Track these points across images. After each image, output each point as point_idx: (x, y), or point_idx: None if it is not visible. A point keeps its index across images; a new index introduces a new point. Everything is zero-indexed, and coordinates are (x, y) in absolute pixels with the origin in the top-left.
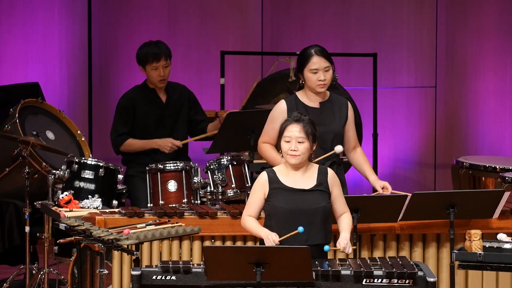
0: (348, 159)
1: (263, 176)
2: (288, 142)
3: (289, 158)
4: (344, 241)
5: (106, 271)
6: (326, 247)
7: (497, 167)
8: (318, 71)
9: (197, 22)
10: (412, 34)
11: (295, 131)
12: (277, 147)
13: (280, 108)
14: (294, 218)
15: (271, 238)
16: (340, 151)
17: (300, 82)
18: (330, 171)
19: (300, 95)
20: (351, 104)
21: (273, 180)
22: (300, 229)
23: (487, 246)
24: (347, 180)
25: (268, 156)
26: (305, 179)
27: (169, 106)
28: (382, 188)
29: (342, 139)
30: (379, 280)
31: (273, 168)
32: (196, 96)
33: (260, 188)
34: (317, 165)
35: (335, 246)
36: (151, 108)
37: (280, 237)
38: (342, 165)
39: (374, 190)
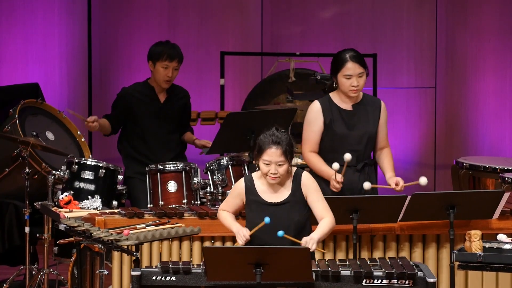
0: (375, 157)
1: (241, 184)
2: (267, 164)
3: (269, 180)
4: (306, 238)
5: (106, 272)
6: (280, 233)
7: (497, 167)
8: (351, 77)
9: (197, 22)
10: (412, 34)
11: (274, 155)
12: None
13: (315, 109)
14: (267, 232)
15: (241, 233)
16: (348, 159)
17: (334, 84)
18: (304, 176)
19: (333, 96)
20: (383, 104)
21: (250, 191)
22: (266, 219)
23: (487, 246)
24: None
25: (317, 170)
26: (281, 190)
27: (166, 108)
28: (396, 184)
29: (375, 141)
30: (379, 280)
31: (252, 174)
32: (196, 96)
33: (237, 195)
34: (294, 169)
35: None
36: (148, 104)
37: (250, 232)
38: (374, 165)
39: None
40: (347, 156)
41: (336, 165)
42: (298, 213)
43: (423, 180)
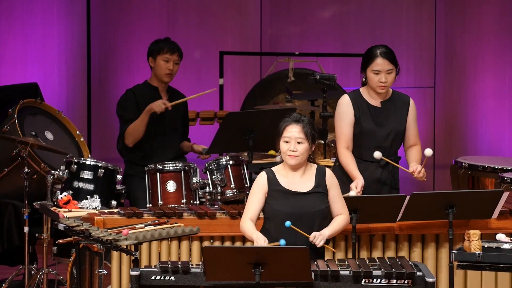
0: (406, 155)
1: (262, 177)
2: (287, 142)
3: (288, 159)
4: (316, 233)
5: (105, 272)
6: (287, 223)
7: (496, 167)
8: (380, 73)
9: (196, 22)
10: (411, 34)
11: (294, 131)
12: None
13: (345, 102)
14: (292, 221)
15: (260, 243)
16: (378, 157)
17: (363, 79)
18: (328, 172)
19: (363, 91)
20: (413, 102)
21: (272, 182)
22: (282, 242)
23: (486, 246)
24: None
25: (347, 169)
26: (304, 181)
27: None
28: (414, 171)
29: (403, 139)
30: (378, 280)
31: (272, 168)
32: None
33: (259, 189)
34: (316, 165)
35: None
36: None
37: (270, 242)
38: (398, 163)
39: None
40: (377, 154)
41: (378, 154)
42: (324, 203)
43: (428, 152)
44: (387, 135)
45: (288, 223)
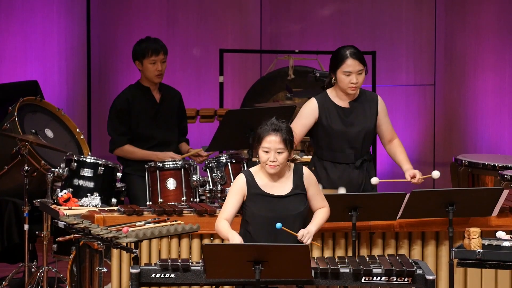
0: (387, 152)
1: (241, 179)
2: (267, 152)
3: (268, 168)
4: (304, 231)
5: (105, 269)
6: (278, 225)
7: (496, 165)
8: (351, 74)
9: (196, 20)
10: (411, 32)
11: (274, 142)
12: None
13: (312, 106)
14: (271, 224)
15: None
16: (376, 183)
17: (332, 81)
18: (305, 171)
19: (330, 93)
20: (381, 98)
21: (251, 185)
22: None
23: (486, 244)
24: (384, 170)
25: None
26: (282, 183)
27: (163, 106)
28: (412, 177)
29: (374, 137)
30: (378, 278)
31: (250, 169)
32: (195, 94)
33: (238, 190)
34: (293, 164)
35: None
36: (146, 106)
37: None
38: (372, 162)
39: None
40: (374, 180)
41: (342, 190)
42: (303, 204)
43: (435, 174)
44: (357, 134)
45: (279, 225)
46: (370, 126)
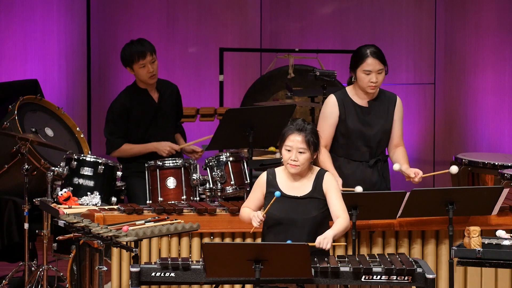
0: (389, 156)
1: (263, 177)
2: (289, 151)
3: (288, 167)
4: (320, 238)
5: (105, 268)
6: (277, 193)
7: (496, 163)
8: (371, 73)
9: (196, 19)
10: (411, 31)
11: (296, 141)
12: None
13: (331, 103)
14: (282, 225)
15: (255, 215)
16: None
17: (352, 79)
18: (326, 176)
19: (349, 91)
20: (399, 100)
21: (271, 183)
22: (277, 193)
23: (486, 242)
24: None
25: (325, 167)
26: (302, 185)
27: (161, 106)
28: (414, 174)
29: (390, 137)
30: (378, 276)
31: (275, 168)
32: (195, 93)
33: (258, 187)
34: (318, 169)
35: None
36: (144, 109)
37: (263, 212)
38: (387, 162)
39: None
40: (358, 189)
41: (359, 188)
42: (317, 209)
43: (454, 169)
44: (374, 134)
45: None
46: (387, 127)
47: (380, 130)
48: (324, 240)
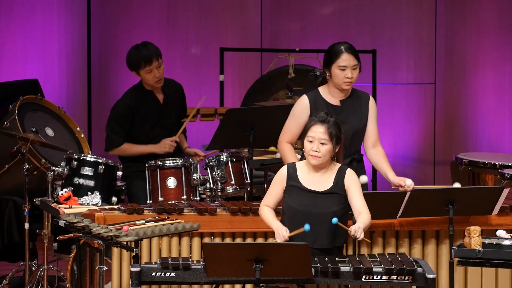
0: (366, 157)
1: (283, 170)
2: (311, 142)
3: (310, 159)
4: (355, 226)
5: (105, 268)
6: (334, 219)
7: (496, 163)
8: (346, 69)
9: (196, 18)
10: (412, 30)
11: (319, 132)
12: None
13: (303, 104)
14: (304, 219)
15: (281, 233)
16: (364, 181)
17: (326, 76)
18: (348, 171)
19: (322, 90)
20: (372, 98)
21: (291, 177)
22: (306, 227)
23: (486, 242)
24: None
25: (285, 160)
26: (323, 180)
27: (166, 106)
28: (404, 185)
29: (363, 136)
30: (379, 276)
31: (295, 163)
32: (195, 93)
33: (278, 181)
34: (339, 165)
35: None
36: (150, 110)
37: (290, 234)
38: (362, 162)
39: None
40: (364, 179)
41: (364, 178)
42: (338, 205)
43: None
44: (346, 133)
45: (335, 220)
46: (360, 125)
47: (352, 127)
48: (358, 229)
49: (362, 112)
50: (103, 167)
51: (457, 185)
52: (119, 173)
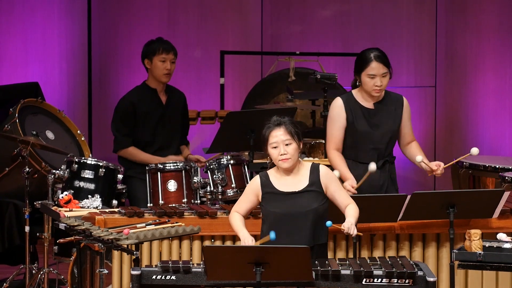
0: (403, 153)
1: (256, 180)
2: (275, 147)
3: (280, 164)
4: (348, 223)
5: (106, 271)
6: (328, 223)
7: (497, 166)
8: (375, 77)
9: (196, 21)
10: (412, 33)
11: (279, 135)
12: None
13: (337, 105)
14: (284, 222)
15: (247, 243)
16: (374, 169)
17: (357, 83)
18: (322, 168)
19: (355, 94)
20: (406, 100)
21: (265, 184)
22: (272, 235)
23: (486, 245)
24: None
25: (338, 170)
26: (297, 181)
27: (169, 108)
28: (436, 167)
29: (397, 138)
30: (379, 279)
31: (267, 171)
32: (196, 96)
33: (251, 191)
34: (310, 164)
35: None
36: (152, 108)
37: (256, 243)
38: (394, 163)
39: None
40: (373, 167)
41: (373, 165)
42: (317, 201)
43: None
44: (382, 136)
45: (329, 223)
46: (394, 128)
47: (388, 131)
48: (351, 226)
49: (396, 115)
50: (104, 170)
51: (475, 150)
52: (120, 176)
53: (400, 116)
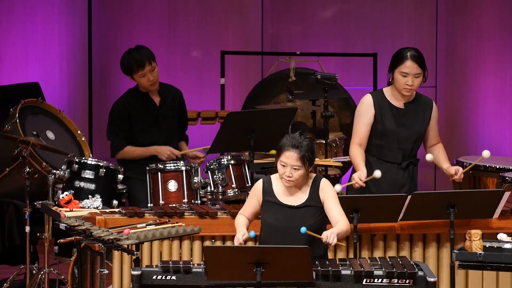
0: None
1: (259, 185)
2: (284, 166)
3: (283, 182)
4: (328, 232)
5: (106, 271)
6: (303, 229)
7: (497, 167)
8: (408, 76)
9: (197, 22)
10: (412, 34)
11: (292, 158)
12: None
13: (367, 102)
14: (280, 234)
15: (237, 235)
16: (378, 176)
17: (389, 79)
18: (322, 182)
19: (386, 92)
20: (435, 104)
21: (267, 192)
22: (252, 234)
23: (487, 246)
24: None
25: (353, 162)
26: (298, 194)
27: (163, 109)
28: (456, 172)
29: (422, 140)
30: (379, 280)
31: (271, 176)
32: (196, 96)
33: (254, 195)
34: (314, 176)
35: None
36: (145, 112)
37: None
38: (417, 165)
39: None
40: (378, 173)
41: (378, 173)
42: (313, 218)
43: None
44: (409, 136)
45: (303, 229)
46: (422, 130)
47: (414, 132)
48: (331, 235)
49: (425, 118)
50: (104, 170)
51: (486, 153)
52: (120, 176)
53: (428, 120)
